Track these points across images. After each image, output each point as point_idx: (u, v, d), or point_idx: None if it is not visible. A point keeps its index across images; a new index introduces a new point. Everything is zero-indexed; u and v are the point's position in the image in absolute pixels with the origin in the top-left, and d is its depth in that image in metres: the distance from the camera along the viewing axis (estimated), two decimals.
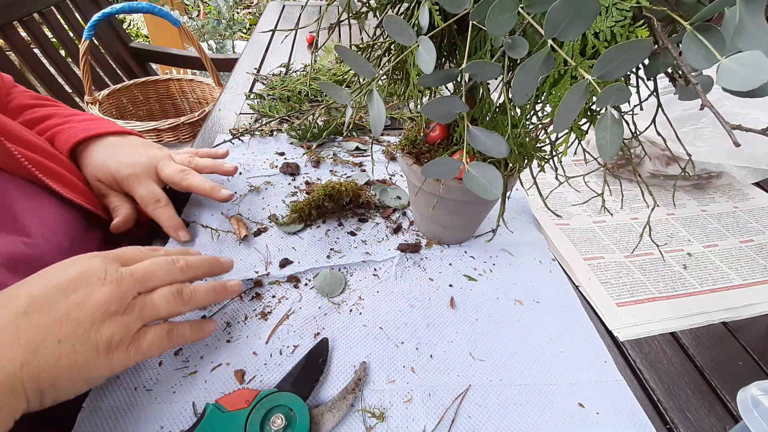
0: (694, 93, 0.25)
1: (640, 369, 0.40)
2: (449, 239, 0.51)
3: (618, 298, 0.46)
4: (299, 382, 0.35)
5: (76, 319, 0.30)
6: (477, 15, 0.27)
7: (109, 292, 0.31)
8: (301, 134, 0.68)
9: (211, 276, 0.43)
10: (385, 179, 0.61)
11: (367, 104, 0.33)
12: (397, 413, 0.35)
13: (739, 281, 0.49)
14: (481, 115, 0.39)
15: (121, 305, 0.32)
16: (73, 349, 0.29)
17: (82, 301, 0.31)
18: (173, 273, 0.36)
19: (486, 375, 0.38)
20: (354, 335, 0.41)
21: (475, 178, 0.31)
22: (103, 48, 1.38)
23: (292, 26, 0.51)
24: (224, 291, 0.39)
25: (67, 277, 0.32)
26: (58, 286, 0.31)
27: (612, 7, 0.27)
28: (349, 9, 0.36)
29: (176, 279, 0.36)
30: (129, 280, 0.33)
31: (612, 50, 0.22)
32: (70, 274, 0.32)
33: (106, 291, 0.31)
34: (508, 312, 0.44)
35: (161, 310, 0.34)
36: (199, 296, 0.36)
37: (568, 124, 0.27)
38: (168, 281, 0.35)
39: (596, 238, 0.54)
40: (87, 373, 0.30)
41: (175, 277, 0.36)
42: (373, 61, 0.40)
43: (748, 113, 0.58)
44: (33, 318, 0.29)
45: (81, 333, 0.30)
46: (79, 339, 0.30)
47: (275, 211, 0.55)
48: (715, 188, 0.65)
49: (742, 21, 0.22)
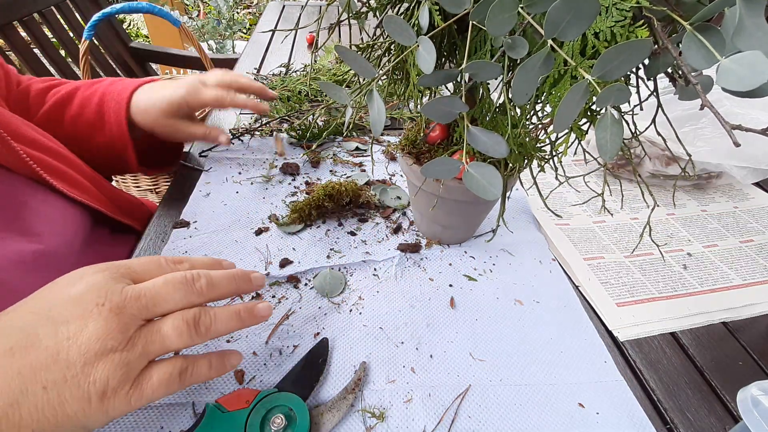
0: (694, 93, 0.25)
1: (640, 369, 0.40)
2: (449, 239, 0.51)
3: (618, 298, 0.46)
4: (299, 382, 0.35)
5: (65, 360, 0.25)
6: (477, 15, 0.27)
7: (107, 324, 0.26)
8: (301, 134, 0.68)
9: (238, 295, 0.37)
10: (385, 179, 0.61)
11: (367, 104, 0.33)
12: (397, 413, 0.35)
13: (739, 281, 0.49)
14: (481, 115, 0.39)
15: (121, 340, 0.26)
16: (61, 397, 0.25)
17: (74, 335, 0.25)
18: (190, 295, 0.29)
19: (486, 375, 0.38)
20: (354, 335, 0.41)
21: (475, 178, 0.31)
22: (103, 48, 1.38)
23: (292, 26, 0.51)
24: (251, 317, 0.32)
25: (61, 300, 0.27)
26: (50, 313, 0.26)
27: (612, 7, 0.27)
28: (349, 9, 0.36)
29: (193, 302, 0.30)
30: (133, 307, 0.27)
31: (612, 50, 0.22)
32: (66, 297, 0.27)
33: (103, 322, 0.26)
34: (508, 312, 0.44)
35: (171, 344, 0.28)
36: (219, 325, 0.30)
37: (568, 124, 0.27)
38: (182, 305, 0.29)
39: (596, 238, 0.54)
40: (79, 423, 0.26)
41: (191, 300, 0.29)
42: (373, 61, 0.40)
43: (748, 113, 0.58)
44: (17, 358, 0.25)
45: (70, 377, 0.25)
46: (68, 385, 0.25)
47: (275, 211, 0.55)
48: (715, 188, 0.65)
49: (742, 21, 0.22)
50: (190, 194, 0.56)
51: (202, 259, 0.35)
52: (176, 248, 0.48)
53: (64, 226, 0.45)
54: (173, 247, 0.48)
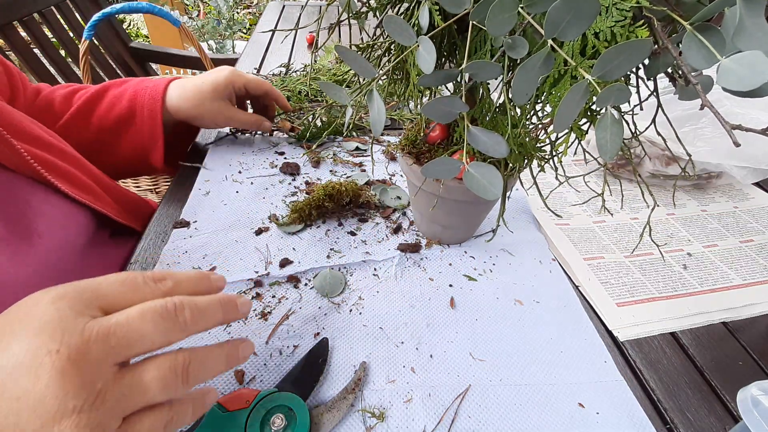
0: (694, 93, 0.25)
1: (640, 369, 0.40)
2: (449, 239, 0.51)
3: (618, 298, 0.46)
4: (299, 382, 0.35)
5: (14, 426, 0.20)
6: (477, 15, 0.27)
7: (64, 378, 0.20)
8: (300, 134, 0.68)
9: (224, 324, 0.33)
10: (385, 179, 0.61)
11: (368, 104, 0.33)
12: (397, 413, 0.35)
13: (739, 281, 0.49)
14: (481, 115, 0.39)
15: (86, 397, 0.20)
16: None
17: (24, 394, 0.20)
18: (172, 332, 0.24)
19: (486, 375, 0.38)
20: (354, 335, 0.41)
21: (475, 178, 0.31)
22: (103, 48, 1.38)
23: (292, 26, 0.51)
24: (236, 359, 0.28)
25: (5, 344, 0.21)
26: None
27: (612, 7, 0.27)
28: (349, 9, 0.36)
29: (175, 339, 0.24)
30: (99, 350, 0.21)
31: (612, 50, 0.22)
32: (11, 339, 0.21)
33: (59, 376, 0.20)
34: (508, 312, 0.44)
35: (154, 398, 0.23)
36: (207, 372, 0.25)
37: (568, 124, 0.27)
38: (163, 344, 0.24)
39: (596, 238, 0.54)
40: None
41: (173, 338, 0.24)
42: (373, 61, 0.40)
43: (748, 113, 0.58)
44: None
45: None
46: None
47: (275, 211, 0.55)
48: (715, 188, 0.65)
49: (742, 21, 0.22)
50: (189, 192, 0.56)
51: (187, 274, 0.28)
52: (176, 248, 0.48)
53: (67, 227, 0.45)
54: (173, 247, 0.48)
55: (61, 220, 0.45)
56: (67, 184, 0.46)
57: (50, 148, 0.46)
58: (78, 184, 0.48)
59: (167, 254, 0.47)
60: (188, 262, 0.47)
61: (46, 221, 0.43)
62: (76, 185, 0.47)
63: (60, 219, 0.45)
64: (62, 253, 0.43)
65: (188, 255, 0.47)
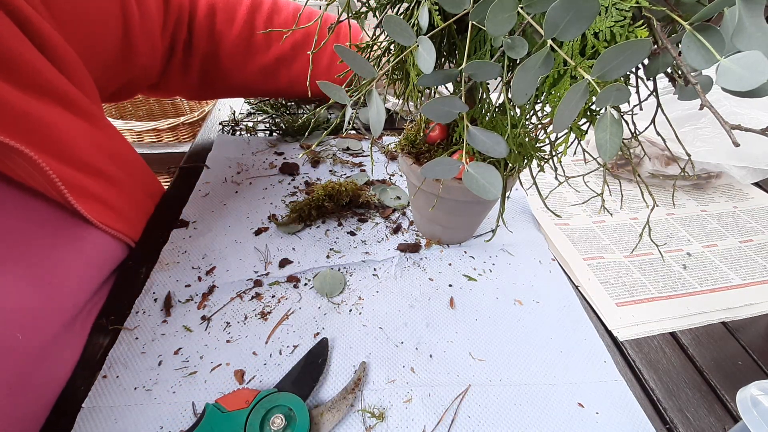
0: (694, 93, 0.26)
1: (639, 369, 0.40)
2: (449, 239, 0.51)
3: (618, 298, 0.46)
4: (299, 382, 0.35)
5: None
6: (477, 15, 0.27)
7: None
8: (285, 129, 0.68)
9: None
10: (385, 179, 0.61)
11: (367, 104, 0.33)
12: (396, 413, 0.35)
13: (738, 281, 0.49)
14: (481, 115, 0.39)
15: None
16: None
17: None
18: None
19: (486, 375, 0.38)
20: (354, 335, 0.41)
21: (474, 178, 0.31)
22: None
23: None
24: None
25: None
26: None
27: (612, 7, 0.27)
28: (349, 9, 0.36)
29: None
30: None
31: (612, 50, 0.22)
32: None
33: None
34: (507, 312, 0.44)
35: None
36: None
37: (568, 124, 0.27)
38: None
39: (596, 238, 0.54)
40: None
41: None
42: (372, 61, 0.40)
43: (748, 113, 0.58)
44: None
45: None
46: None
47: (275, 211, 0.55)
48: (714, 188, 0.65)
49: (742, 21, 0.22)
50: (189, 194, 0.56)
51: None
52: (176, 248, 0.48)
53: (87, 267, 0.39)
54: (173, 248, 0.48)
55: (81, 260, 0.39)
56: (97, 210, 0.40)
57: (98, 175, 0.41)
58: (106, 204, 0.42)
59: (167, 254, 0.47)
60: (188, 262, 0.47)
61: (61, 263, 0.37)
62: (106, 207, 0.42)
63: (80, 259, 0.39)
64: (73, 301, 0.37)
65: (188, 255, 0.47)
